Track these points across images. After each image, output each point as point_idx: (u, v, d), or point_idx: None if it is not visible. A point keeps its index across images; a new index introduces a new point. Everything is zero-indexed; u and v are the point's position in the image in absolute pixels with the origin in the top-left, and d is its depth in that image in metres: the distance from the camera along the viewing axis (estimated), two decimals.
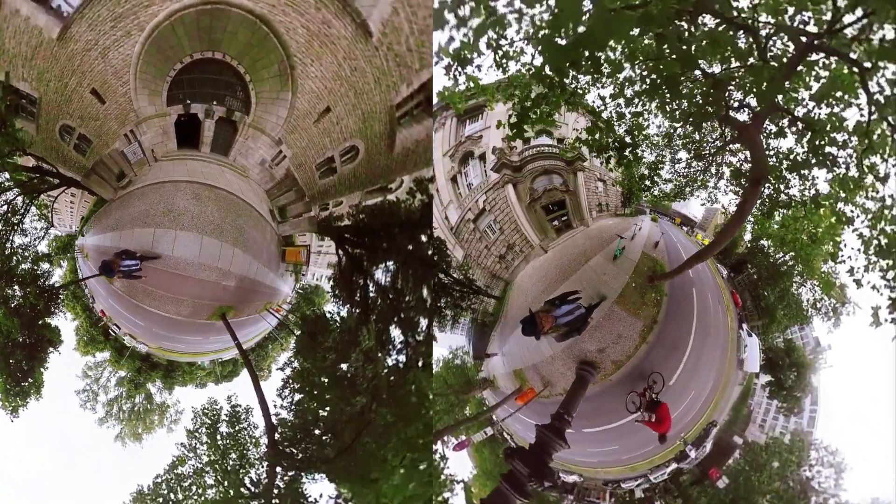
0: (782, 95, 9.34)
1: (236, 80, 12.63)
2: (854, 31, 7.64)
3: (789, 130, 10.15)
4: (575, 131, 13.92)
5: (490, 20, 6.95)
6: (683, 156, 15.96)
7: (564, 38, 5.43)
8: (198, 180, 13.94)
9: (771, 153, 11.42)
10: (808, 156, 9.60)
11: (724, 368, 14.51)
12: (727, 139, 13.94)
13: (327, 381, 13.25)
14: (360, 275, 15.00)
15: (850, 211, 10.16)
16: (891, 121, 7.97)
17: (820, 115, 9.36)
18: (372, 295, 14.66)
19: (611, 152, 12.25)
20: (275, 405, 13.54)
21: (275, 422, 13.46)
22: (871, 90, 7.60)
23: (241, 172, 15.05)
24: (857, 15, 7.38)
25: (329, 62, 11.57)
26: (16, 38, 10.77)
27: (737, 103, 10.83)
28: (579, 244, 15.62)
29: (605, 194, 17.23)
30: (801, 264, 14.98)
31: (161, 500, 13.08)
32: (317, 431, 12.95)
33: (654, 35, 8.16)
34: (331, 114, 12.66)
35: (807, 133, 9.53)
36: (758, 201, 15.26)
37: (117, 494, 13.53)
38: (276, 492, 12.62)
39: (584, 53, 5.46)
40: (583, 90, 11.65)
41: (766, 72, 7.91)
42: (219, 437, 13.67)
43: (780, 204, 12.51)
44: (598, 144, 12.14)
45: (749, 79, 9.15)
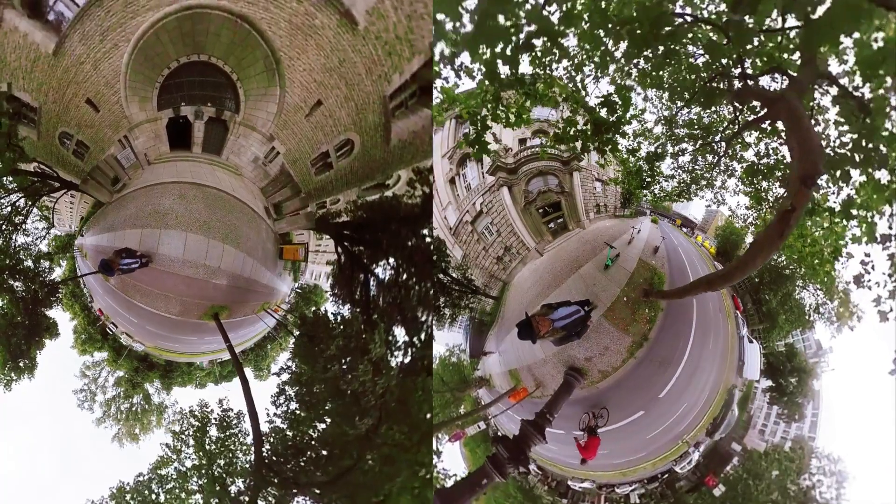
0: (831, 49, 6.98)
1: (224, 80, 12.77)
2: None
3: (833, 109, 7.71)
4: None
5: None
6: (687, 149, 14.16)
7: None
8: (185, 180, 14.06)
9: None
10: (860, 145, 7.03)
11: (722, 378, 14.16)
12: (741, 124, 11.39)
13: (329, 394, 11.98)
14: (360, 272, 14.66)
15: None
16: None
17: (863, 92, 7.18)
18: (373, 293, 14.25)
19: (589, 141, 9.84)
20: (268, 413, 12.48)
21: (267, 430, 12.48)
22: None
23: (233, 170, 15.09)
24: None
25: (315, 54, 11.50)
26: (16, 52, 11.38)
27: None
28: (574, 248, 15.36)
29: (604, 195, 16.94)
30: (804, 269, 14.46)
31: (142, 499, 12.72)
32: (312, 450, 11.85)
33: None
34: (322, 107, 12.59)
35: (860, 114, 7.07)
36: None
37: None
38: None
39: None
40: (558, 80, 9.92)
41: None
42: (208, 441, 13.19)
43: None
44: (567, 135, 9.74)
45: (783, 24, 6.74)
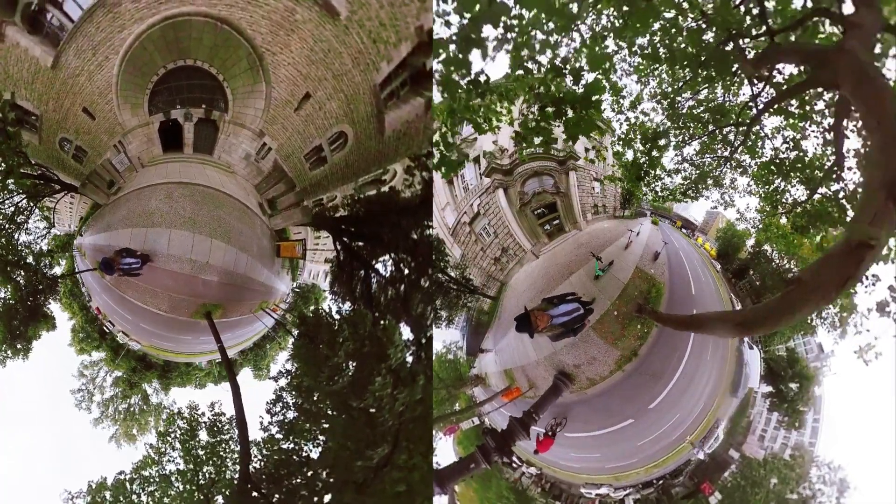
0: None
1: (212, 82, 13.10)
2: None
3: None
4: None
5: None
6: (694, 137, 12.31)
7: None
8: (173, 180, 14.30)
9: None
10: None
11: (719, 388, 13.79)
12: (759, 107, 9.21)
13: (335, 411, 10.34)
14: (360, 268, 14.38)
15: None
16: None
17: None
18: (374, 290, 13.95)
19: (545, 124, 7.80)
20: (262, 422, 11.02)
21: (260, 439, 11.17)
22: None
23: (225, 168, 15.24)
24: None
25: (299, 48, 11.69)
26: (18, 65, 12.41)
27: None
28: (568, 252, 15.07)
29: (602, 195, 16.64)
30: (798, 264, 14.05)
31: (122, 498, 12.34)
32: (310, 469, 10.26)
33: None
34: (311, 100, 12.74)
35: None
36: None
37: None
38: None
39: None
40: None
41: None
42: (197, 446, 12.71)
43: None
44: (528, 129, 7.89)
45: None
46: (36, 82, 12.65)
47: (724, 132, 11.81)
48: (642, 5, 6.00)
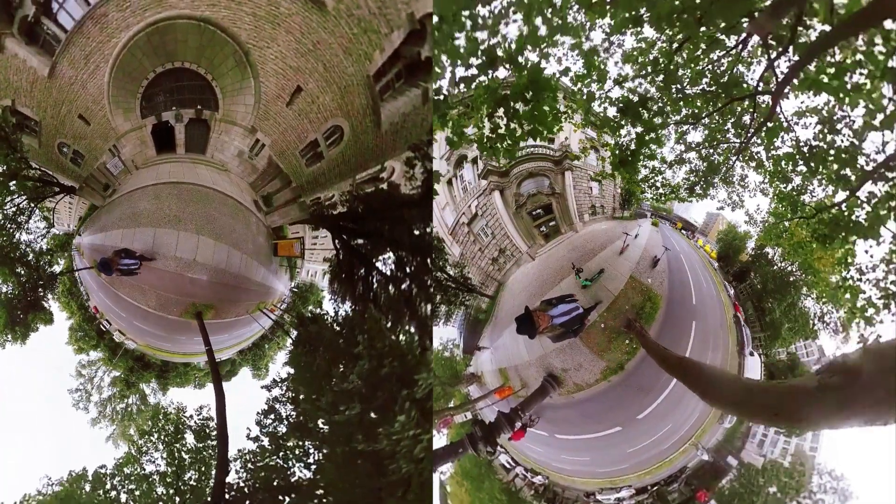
0: None
1: (201, 82, 13.19)
2: None
3: None
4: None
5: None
6: (698, 119, 9.99)
7: None
8: (162, 181, 14.36)
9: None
10: None
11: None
12: (780, 78, 7.24)
13: (336, 446, 8.31)
14: (360, 266, 13.93)
15: None
16: None
17: None
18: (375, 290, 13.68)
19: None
20: (248, 432, 9.99)
21: (247, 450, 10.18)
22: None
23: (218, 167, 15.25)
24: None
25: (286, 41, 11.71)
26: (17, 74, 12.99)
27: None
28: (563, 255, 14.80)
29: (601, 195, 16.37)
30: (808, 275, 13.58)
31: (102, 492, 11.97)
32: (296, 492, 9.14)
33: None
34: (303, 93, 12.71)
35: None
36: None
37: None
38: None
39: None
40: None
41: None
42: (182, 449, 12.35)
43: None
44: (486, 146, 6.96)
45: None
46: (34, 91, 13.24)
47: (737, 111, 9.46)
48: None
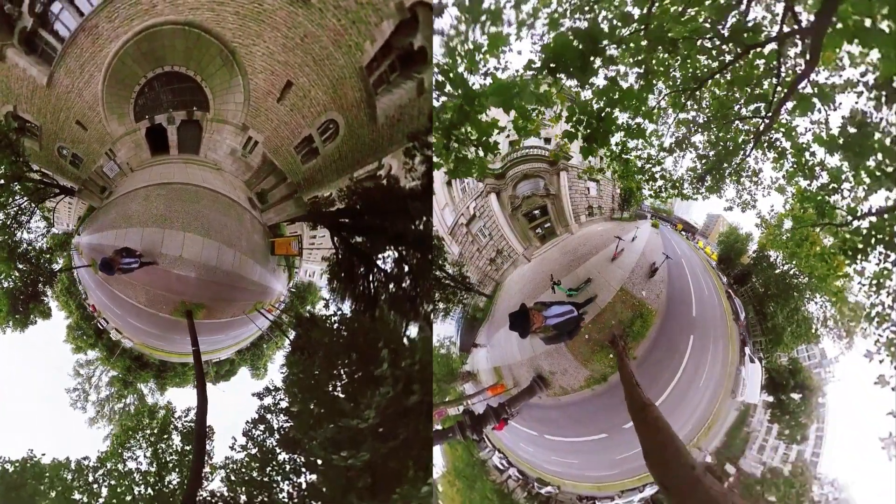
0: None
1: (191, 84, 13.62)
2: None
3: None
4: None
5: None
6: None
7: None
8: (154, 182, 14.83)
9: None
10: None
11: (712, 408, 12.98)
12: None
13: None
14: (360, 264, 13.91)
15: None
16: None
17: None
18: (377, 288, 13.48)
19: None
20: (233, 444, 9.37)
21: (234, 458, 9.69)
22: None
23: (211, 166, 15.51)
24: None
25: (272, 37, 11.94)
26: (18, 82, 13.65)
27: None
28: (556, 258, 14.61)
29: (598, 196, 16.11)
30: (811, 279, 13.20)
31: (82, 484, 11.64)
32: None
33: None
34: (294, 88, 12.86)
35: None
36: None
37: None
38: None
39: None
40: None
41: None
42: (167, 449, 12.09)
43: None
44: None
45: None
46: (34, 98, 14.03)
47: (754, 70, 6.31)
48: None
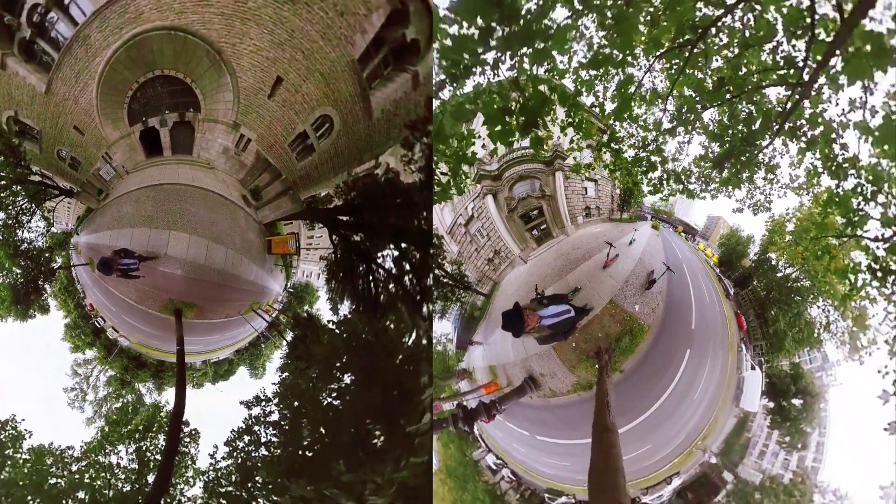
0: None
1: (182, 86, 14.00)
2: None
3: None
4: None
5: None
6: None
7: None
8: (145, 184, 15.22)
9: None
10: None
11: (708, 417, 12.72)
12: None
13: None
14: (360, 263, 13.59)
15: None
16: None
17: None
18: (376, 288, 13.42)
19: None
20: (214, 452, 8.80)
21: (221, 467, 9.30)
22: None
23: (204, 165, 15.73)
24: None
25: (258, 34, 12.08)
26: (19, 89, 14.14)
27: None
28: (550, 261, 14.46)
29: (597, 196, 15.87)
30: (812, 282, 12.91)
31: (66, 473, 11.50)
32: None
33: None
34: (284, 83, 12.94)
35: None
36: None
37: None
38: None
39: None
40: None
41: None
42: (152, 448, 11.97)
43: None
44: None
45: None
46: (34, 104, 14.55)
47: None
48: None
